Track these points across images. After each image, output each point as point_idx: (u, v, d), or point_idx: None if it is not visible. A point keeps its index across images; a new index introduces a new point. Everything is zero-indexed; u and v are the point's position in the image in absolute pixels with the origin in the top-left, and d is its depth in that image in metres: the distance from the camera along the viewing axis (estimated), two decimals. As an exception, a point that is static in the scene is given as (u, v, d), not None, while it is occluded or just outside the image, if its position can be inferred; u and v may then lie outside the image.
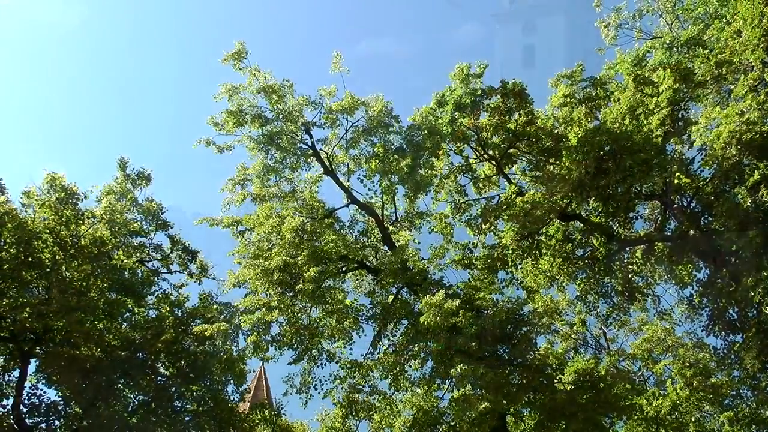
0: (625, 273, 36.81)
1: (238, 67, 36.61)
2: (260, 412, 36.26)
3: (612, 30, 44.28)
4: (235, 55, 36.54)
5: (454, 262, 36.72)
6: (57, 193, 33.38)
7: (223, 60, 36.67)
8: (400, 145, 36.28)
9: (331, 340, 35.10)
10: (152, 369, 33.74)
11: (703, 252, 33.76)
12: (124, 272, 35.08)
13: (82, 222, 33.66)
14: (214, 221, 37.17)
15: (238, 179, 37.67)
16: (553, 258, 36.34)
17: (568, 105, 37.10)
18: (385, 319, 34.00)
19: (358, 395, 34.75)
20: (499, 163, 37.17)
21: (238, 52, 36.55)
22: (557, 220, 35.81)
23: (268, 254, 33.12)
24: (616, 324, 40.46)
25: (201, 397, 34.38)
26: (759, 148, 30.07)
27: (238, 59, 36.50)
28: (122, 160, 37.08)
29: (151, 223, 37.51)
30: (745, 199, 30.41)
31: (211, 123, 36.68)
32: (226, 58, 36.66)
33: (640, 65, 35.28)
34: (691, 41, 35.42)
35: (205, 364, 34.01)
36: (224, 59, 36.69)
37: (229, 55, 36.64)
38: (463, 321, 28.62)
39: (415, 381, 34.45)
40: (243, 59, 36.65)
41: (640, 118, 33.80)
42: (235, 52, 36.56)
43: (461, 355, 28.52)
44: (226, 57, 36.69)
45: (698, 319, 37.38)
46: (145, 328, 34.22)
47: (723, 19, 31.79)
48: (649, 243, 36.06)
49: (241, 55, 36.53)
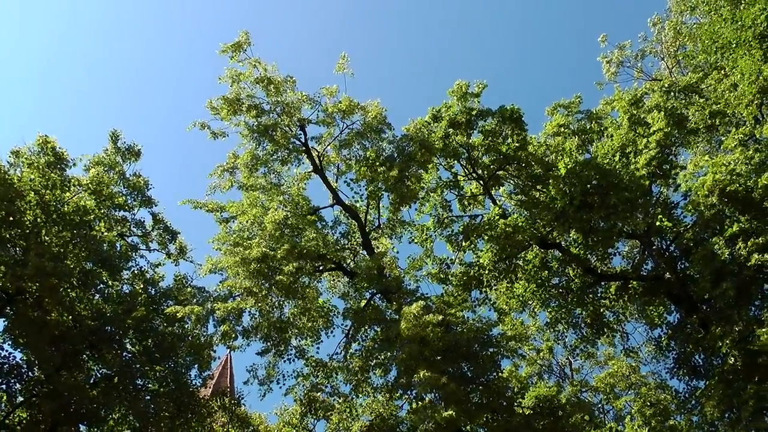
0: (597, 307, 37.21)
1: (236, 59, 36.74)
2: (220, 399, 36.28)
3: (613, 66, 44.97)
4: (235, 46, 36.60)
5: (430, 275, 36.93)
6: (46, 157, 33.32)
7: (221, 51, 36.83)
8: (391, 153, 36.45)
9: (300, 337, 35.28)
10: (119, 344, 33.63)
11: (676, 296, 34.20)
12: (103, 244, 34.96)
13: (67, 188, 33.66)
14: (197, 204, 37.17)
15: (227, 166, 37.72)
16: (528, 283, 36.76)
17: (561, 135, 37.51)
18: (356, 322, 34.12)
19: (319, 394, 34.83)
20: (486, 183, 37.49)
21: (239, 43, 36.60)
22: (537, 246, 36.20)
23: (248, 243, 33.19)
24: (582, 355, 40.80)
25: (164, 378, 34.31)
26: (741, 201, 30.42)
27: (237, 50, 36.55)
28: (114, 132, 36.98)
29: (135, 198, 37.39)
30: (722, 250, 30.75)
31: (209, 107, 36.82)
32: (224, 50, 36.78)
33: (636, 105, 35.63)
34: (688, 88, 35.82)
35: (172, 346, 33.94)
36: (222, 50, 36.84)
37: (227, 47, 36.74)
38: (431, 334, 28.80)
39: (378, 387, 34.65)
40: (242, 50, 36.74)
41: (629, 156, 34.20)
42: (235, 43, 36.61)
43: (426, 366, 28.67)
44: (224, 48, 36.80)
45: (664, 361, 37.89)
46: (117, 302, 34.07)
47: (722, 70, 32.19)
48: (624, 280, 36.46)
49: (241, 46, 36.58)
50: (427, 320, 28.38)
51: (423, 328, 28.44)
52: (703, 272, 30.74)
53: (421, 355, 28.43)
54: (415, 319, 28.48)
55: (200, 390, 36.09)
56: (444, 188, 38.22)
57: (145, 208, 37.67)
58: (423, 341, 28.81)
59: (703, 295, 31.31)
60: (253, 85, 36.94)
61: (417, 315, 28.57)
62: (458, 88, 36.46)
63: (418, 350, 28.47)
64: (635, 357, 41.30)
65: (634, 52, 46.04)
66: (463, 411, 27.91)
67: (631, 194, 31.77)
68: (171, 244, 38.66)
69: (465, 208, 38.80)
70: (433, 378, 26.86)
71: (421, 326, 28.45)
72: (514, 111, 36.00)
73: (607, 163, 34.43)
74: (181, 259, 39.01)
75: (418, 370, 27.74)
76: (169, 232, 38.42)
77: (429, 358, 28.35)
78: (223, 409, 36.05)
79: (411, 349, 28.42)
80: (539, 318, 40.91)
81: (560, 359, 46.34)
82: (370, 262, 33.89)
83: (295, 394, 34.73)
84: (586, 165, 34.28)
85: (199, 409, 34.45)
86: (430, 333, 28.57)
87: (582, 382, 45.07)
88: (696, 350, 33.39)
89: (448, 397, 27.61)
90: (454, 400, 27.47)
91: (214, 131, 37.28)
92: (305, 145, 37.79)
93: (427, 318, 28.44)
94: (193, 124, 36.91)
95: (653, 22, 44.94)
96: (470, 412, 28.53)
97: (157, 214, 37.85)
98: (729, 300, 29.39)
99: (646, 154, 32.82)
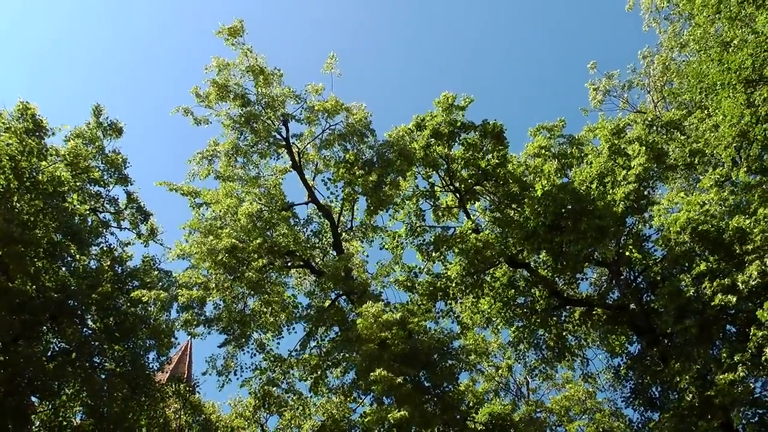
0: (561, 330, 37.52)
1: (230, 42, 36.57)
2: (176, 385, 36.14)
3: (600, 94, 45.28)
4: (231, 30, 36.40)
5: (397, 282, 36.93)
6: (26, 123, 32.98)
7: (217, 32, 36.48)
8: (371, 157, 36.52)
9: (261, 331, 35.29)
10: (80, 319, 33.36)
11: (639, 327, 34.52)
12: (75, 217, 34.68)
13: (44, 157, 33.32)
14: (173, 186, 37.00)
15: (206, 153, 37.53)
16: (494, 300, 36.95)
17: (542, 156, 37.76)
18: (317, 321, 34.14)
19: (275, 389, 34.84)
20: (462, 196, 37.65)
21: (234, 28, 36.39)
22: (506, 264, 36.43)
23: (219, 233, 33.13)
24: (541, 376, 40.96)
25: (122, 358, 34.06)
26: (712, 241, 30.74)
27: (233, 35, 36.46)
28: (97, 106, 36.67)
29: (112, 174, 37.09)
30: (688, 287, 30.99)
31: (194, 93, 36.73)
32: (221, 31, 36.47)
33: (618, 135, 35.96)
34: (671, 124, 36.20)
35: (133, 327, 33.68)
36: (219, 32, 36.51)
37: (224, 29, 36.49)
38: (393, 339, 28.85)
39: (334, 388, 34.70)
40: (238, 36, 36.67)
41: (606, 185, 34.47)
42: (231, 27, 36.40)
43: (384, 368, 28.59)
44: (221, 29, 36.52)
45: (621, 390, 38.25)
46: (82, 277, 33.70)
47: (705, 110, 32.48)
48: (589, 306, 36.78)
49: (237, 32, 36.48)
50: (385, 319, 28.42)
51: (382, 330, 28.48)
52: (668, 307, 30.99)
53: (380, 357, 28.47)
54: (373, 318, 28.50)
55: (157, 374, 35.88)
56: (420, 197, 38.31)
57: (120, 185, 37.36)
58: (382, 344, 28.85)
59: (666, 329, 31.56)
60: (242, 74, 36.89)
61: (375, 314, 28.58)
62: (444, 99, 36.56)
63: (377, 352, 28.51)
64: (593, 383, 41.55)
65: (622, 82, 46.38)
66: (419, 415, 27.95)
67: (603, 222, 31.98)
68: (143, 224, 38.39)
69: (439, 219, 38.94)
70: (389, 377, 26.86)
71: (380, 327, 28.48)
72: (497, 127, 36.21)
73: (584, 189, 34.68)
74: (151, 240, 38.75)
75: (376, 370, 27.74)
76: (142, 213, 38.15)
77: (387, 362, 28.38)
78: (178, 395, 35.89)
79: (369, 350, 28.45)
80: (501, 336, 41.21)
81: (518, 378, 46.54)
82: (338, 261, 33.89)
83: (251, 387, 34.74)
84: (563, 188, 34.52)
85: (154, 393, 34.25)
86: (390, 336, 28.61)
87: (538, 402, 45.22)
88: (654, 382, 33.82)
89: (402, 399, 27.66)
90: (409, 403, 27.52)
91: (197, 118, 37.14)
92: (286, 140, 37.72)
93: (385, 317, 28.47)
94: (177, 109, 36.80)
95: (643, 55, 45.30)
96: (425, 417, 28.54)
97: (131, 193, 37.58)
98: (690, 337, 29.64)
99: (625, 188, 33.10)
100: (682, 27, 38.25)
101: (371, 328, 28.45)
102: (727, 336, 30.84)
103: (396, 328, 28.92)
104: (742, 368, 26.92)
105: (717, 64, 26.91)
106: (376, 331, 28.44)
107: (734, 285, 28.47)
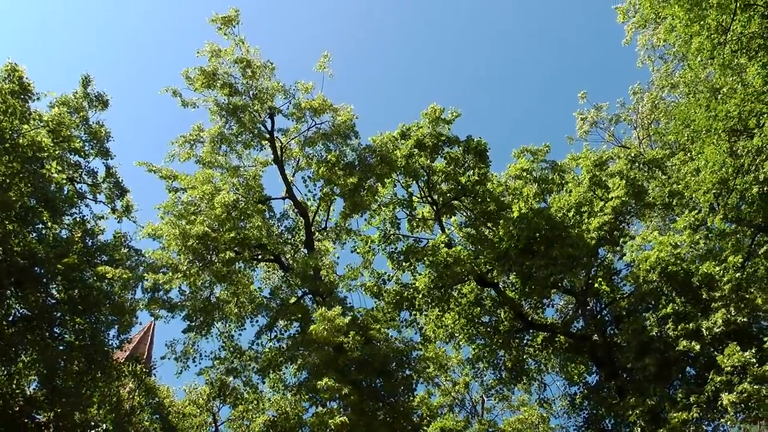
0: (521, 353, 37.66)
1: (224, 32, 36.53)
2: (132, 365, 35.92)
3: (587, 125, 45.61)
4: (225, 19, 36.38)
5: (364, 287, 36.90)
6: (11, 84, 32.61)
7: (211, 20, 36.43)
8: (353, 160, 36.57)
9: (225, 321, 35.24)
10: (45, 288, 33.01)
11: (599, 359, 34.75)
12: (51, 185, 34.34)
13: (26, 120, 32.92)
14: (152, 167, 36.88)
15: (190, 137, 37.43)
16: (459, 316, 37.07)
17: (522, 179, 37.90)
18: (279, 313, 34.10)
19: (231, 379, 34.78)
20: (439, 209, 37.77)
21: (229, 17, 36.39)
22: (474, 282, 36.51)
23: (192, 219, 33.04)
24: (497, 396, 41.22)
25: (82, 331, 33.61)
26: (680, 283, 31.09)
27: (227, 24, 36.39)
28: (86, 76, 36.31)
29: (93, 146, 36.79)
30: (652, 326, 31.26)
31: (184, 75, 36.64)
32: (215, 19, 36.46)
33: (600, 167, 36.17)
34: (653, 162, 36.43)
35: (97, 302, 33.35)
36: (212, 19, 36.47)
37: (218, 17, 36.47)
38: (350, 344, 28.85)
39: (289, 385, 34.71)
40: (232, 25, 36.59)
41: (583, 215, 34.66)
42: (225, 16, 36.40)
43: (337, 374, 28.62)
44: (214, 18, 36.49)
45: (575, 418, 38.26)
46: (51, 245, 33.44)
47: (689, 153, 32.76)
48: (552, 332, 36.97)
49: (231, 22, 36.42)
50: (338, 324, 28.39)
51: (338, 334, 28.49)
52: (630, 343, 31.29)
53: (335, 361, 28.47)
54: (328, 322, 28.46)
55: (116, 352, 35.61)
56: (397, 205, 38.39)
57: (101, 158, 36.95)
58: (339, 348, 28.85)
59: (626, 364, 31.87)
60: (232, 64, 36.83)
61: (330, 318, 28.54)
62: (432, 111, 36.69)
63: (331, 356, 28.51)
64: (548, 408, 41.67)
65: (610, 115, 46.88)
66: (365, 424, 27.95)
67: (575, 250, 32.22)
68: (118, 200, 37.98)
69: (413, 229, 39.02)
70: (337, 387, 26.88)
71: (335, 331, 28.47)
72: (481, 144, 36.38)
73: (561, 216, 34.86)
74: (125, 217, 38.42)
75: (328, 375, 27.74)
76: (119, 188, 37.76)
77: (342, 366, 28.39)
78: (134, 376, 35.67)
79: (323, 354, 28.45)
80: (462, 352, 41.23)
81: (474, 396, 46.62)
82: (308, 259, 33.90)
83: (208, 376, 34.64)
84: (539, 213, 34.72)
85: (110, 370, 33.98)
86: (347, 341, 28.61)
87: (491, 422, 45.31)
88: (608, 414, 34.07)
89: (349, 407, 27.71)
90: (356, 410, 27.55)
91: (185, 100, 37.05)
92: (270, 133, 37.69)
93: (338, 321, 28.43)
94: (166, 89, 36.70)
95: (634, 91, 45.67)
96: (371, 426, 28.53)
97: (111, 168, 37.20)
98: (649, 374, 29.96)
99: (600, 218, 33.31)
100: (675, 68, 38.67)
101: (324, 333, 28.38)
102: (686, 378, 31.11)
103: (353, 333, 28.90)
104: (697, 409, 27.17)
105: (705, 110, 27.12)
106: (330, 335, 28.40)
107: (698, 331, 28.82)
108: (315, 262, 33.86)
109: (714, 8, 24.38)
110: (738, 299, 29.30)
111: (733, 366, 26.40)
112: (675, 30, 28.51)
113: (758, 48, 24.15)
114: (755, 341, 27.71)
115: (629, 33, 39.57)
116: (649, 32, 38.51)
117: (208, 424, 36.30)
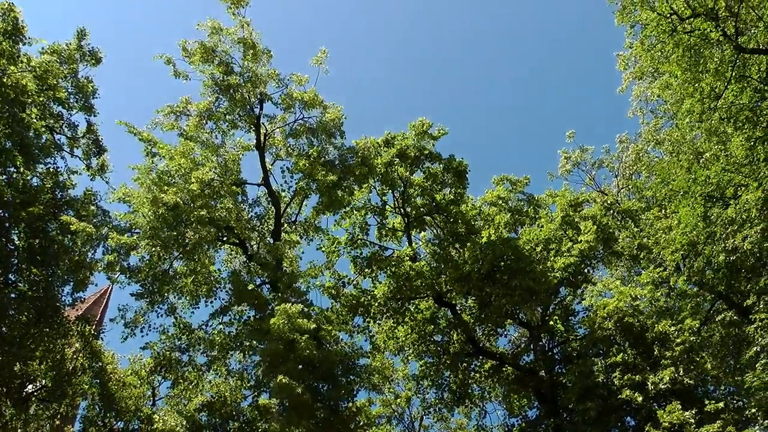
0: (467, 377, 37.83)
1: (233, 11, 36.41)
2: (81, 325, 35.58)
3: (569, 164, 45.94)
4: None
5: (323, 286, 36.76)
6: (5, 24, 32.36)
7: None
8: (334, 158, 36.55)
9: (178, 295, 35.05)
10: (6, 233, 32.73)
11: (542, 395, 35.08)
12: (29, 131, 34.08)
13: (14, 62, 32.67)
14: (132, 129, 36.59)
15: (177, 109, 37.17)
16: (411, 330, 37.16)
17: (498, 206, 38.10)
18: (234, 298, 33.97)
19: (175, 355, 34.55)
20: (410, 222, 37.84)
21: None
22: (432, 300, 36.61)
23: (165, 189, 32.84)
24: (436, 416, 41.25)
25: (36, 283, 33.36)
26: (634, 335, 31.44)
27: (236, 4, 36.26)
28: (82, 30, 35.83)
29: (78, 100, 36.45)
30: (599, 372, 31.52)
31: (181, 46, 36.42)
32: None
33: (575, 208, 36.50)
34: (627, 213, 36.85)
35: (57, 255, 33.14)
36: None
37: None
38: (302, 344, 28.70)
39: (232, 371, 34.63)
40: (242, 6, 36.47)
41: (550, 252, 34.93)
42: None
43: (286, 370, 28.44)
44: None
45: (508, 450, 38.50)
46: (20, 192, 33.18)
47: (663, 210, 33.13)
48: (501, 362, 37.24)
49: (242, 2, 36.34)
50: (299, 324, 28.29)
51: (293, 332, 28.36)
52: (575, 384, 31.60)
53: (285, 357, 28.36)
54: (287, 319, 28.34)
55: (68, 310, 35.24)
56: (370, 211, 38.46)
57: (84, 113, 36.65)
58: (291, 345, 28.72)
59: (568, 404, 32.17)
60: (233, 43, 36.68)
61: (291, 315, 28.43)
62: (420, 124, 36.78)
63: (284, 351, 28.40)
64: (485, 435, 41.79)
65: (593, 159, 47.30)
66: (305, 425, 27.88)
67: (536, 285, 32.44)
68: (95, 158, 37.61)
69: (381, 238, 39.02)
70: (290, 386, 26.78)
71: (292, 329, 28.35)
72: (462, 165, 36.55)
73: (528, 249, 35.08)
74: (99, 176, 38.10)
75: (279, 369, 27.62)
76: (98, 146, 37.36)
77: (292, 363, 28.28)
78: (81, 336, 35.32)
79: (276, 348, 28.31)
80: (409, 367, 41.29)
81: (414, 411, 46.58)
82: (273, 248, 33.81)
83: (154, 350, 34.41)
84: (506, 242, 34.97)
85: (58, 327, 33.65)
86: (301, 340, 28.48)
87: (427, 440, 45.45)
88: (541, 451, 34.31)
89: (296, 406, 27.59)
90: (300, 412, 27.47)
91: (178, 71, 36.79)
92: (257, 118, 37.49)
93: (299, 322, 28.34)
94: (159, 56, 36.44)
95: (620, 140, 46.11)
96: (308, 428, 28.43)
97: (92, 124, 36.80)
98: (588, 418, 30.25)
99: (566, 259, 33.60)
100: (664, 124, 39.07)
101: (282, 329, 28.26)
102: (625, 427, 31.47)
103: (306, 337, 28.77)
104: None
105: (685, 172, 27.46)
106: (286, 331, 28.28)
107: (644, 384, 29.15)
108: (280, 252, 33.79)
109: (710, 73, 24.69)
110: (688, 361, 29.74)
111: (671, 423, 26.78)
112: (670, 88, 28.89)
113: (745, 120, 24.48)
114: (698, 403, 28.06)
115: (626, 81, 40.04)
116: (645, 84, 38.94)
117: (147, 397, 36.02)
